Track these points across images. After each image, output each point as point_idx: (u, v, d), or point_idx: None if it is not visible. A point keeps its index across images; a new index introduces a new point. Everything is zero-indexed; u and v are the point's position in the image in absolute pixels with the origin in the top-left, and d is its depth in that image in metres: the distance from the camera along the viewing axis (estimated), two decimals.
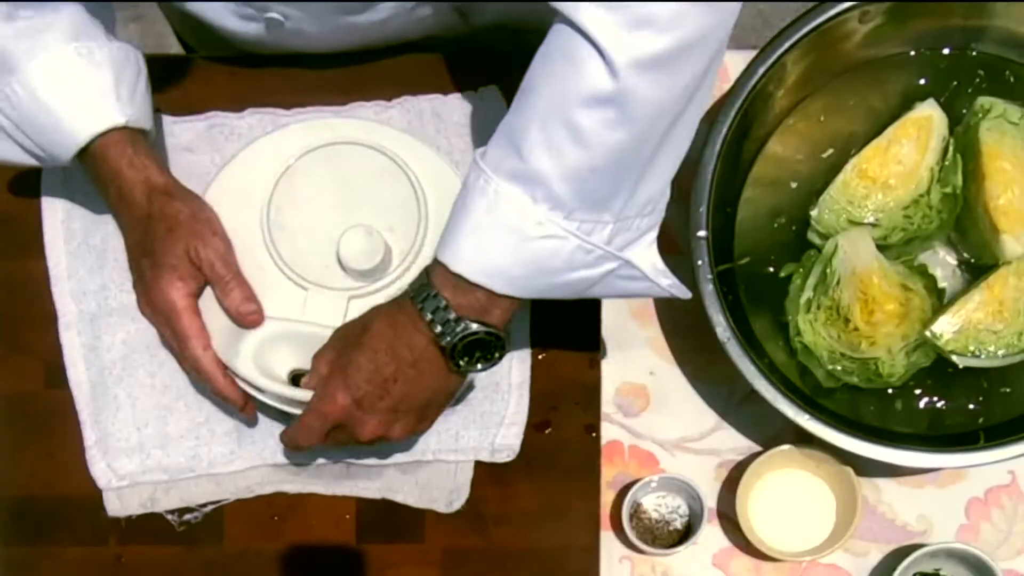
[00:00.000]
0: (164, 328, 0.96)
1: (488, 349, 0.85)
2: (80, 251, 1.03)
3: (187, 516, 1.01)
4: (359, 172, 0.97)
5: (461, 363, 0.86)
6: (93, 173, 0.95)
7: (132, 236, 0.97)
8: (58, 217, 1.04)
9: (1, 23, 0.89)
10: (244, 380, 0.94)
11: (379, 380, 0.87)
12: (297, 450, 0.93)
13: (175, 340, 0.95)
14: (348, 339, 0.89)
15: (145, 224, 0.95)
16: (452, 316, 0.82)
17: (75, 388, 1.02)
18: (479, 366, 0.86)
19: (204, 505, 1.01)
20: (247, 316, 0.95)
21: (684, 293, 0.87)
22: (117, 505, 1.01)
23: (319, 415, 0.89)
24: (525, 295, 0.83)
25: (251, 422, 1.00)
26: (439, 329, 0.83)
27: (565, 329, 1.04)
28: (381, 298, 0.92)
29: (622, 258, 0.82)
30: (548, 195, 0.78)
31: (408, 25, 1.04)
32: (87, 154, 0.93)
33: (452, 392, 0.91)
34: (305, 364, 0.92)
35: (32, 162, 0.96)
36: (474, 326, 0.82)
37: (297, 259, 0.95)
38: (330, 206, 0.97)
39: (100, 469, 1.01)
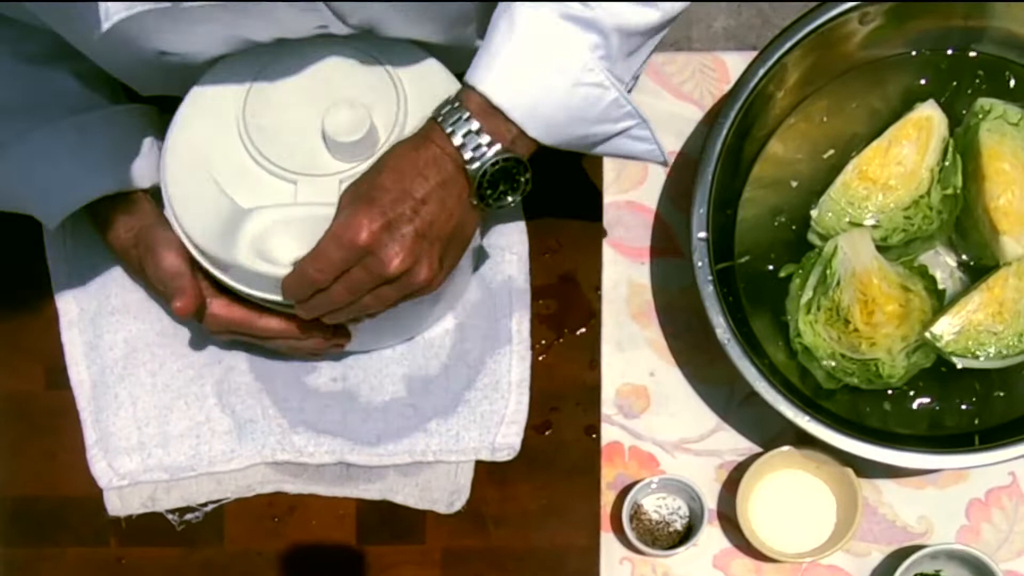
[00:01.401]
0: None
1: (514, 181, 0.83)
2: (80, 250, 1.03)
3: (188, 516, 1.01)
4: (329, 67, 0.91)
5: (488, 193, 0.82)
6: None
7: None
8: None
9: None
10: (245, 274, 0.87)
11: (409, 200, 0.81)
12: (300, 298, 0.86)
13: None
14: (368, 174, 0.84)
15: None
16: (485, 140, 0.80)
17: (76, 387, 1.02)
18: (508, 199, 0.83)
19: (204, 504, 1.01)
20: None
21: (663, 158, 0.89)
22: (118, 504, 1.01)
23: (338, 241, 0.81)
24: (550, 142, 0.82)
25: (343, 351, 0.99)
26: (469, 155, 0.80)
27: (565, 330, 1.04)
28: None
29: (642, 118, 0.83)
30: (603, 43, 0.78)
31: None
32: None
33: (471, 233, 0.87)
34: (307, 250, 0.85)
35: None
36: (505, 153, 0.81)
37: (281, 154, 0.88)
38: (305, 101, 0.89)
39: (101, 468, 1.01)
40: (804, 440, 0.96)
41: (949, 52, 1.02)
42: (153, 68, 0.90)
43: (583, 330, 1.04)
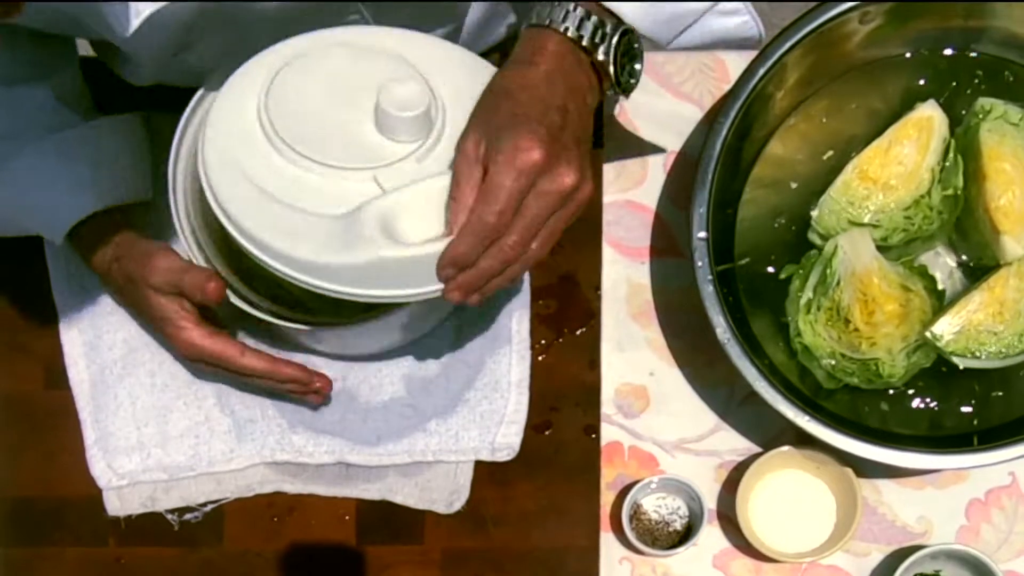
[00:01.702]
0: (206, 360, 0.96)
1: (635, 53, 0.83)
2: None
3: (187, 516, 1.01)
4: (358, 72, 0.86)
5: (621, 73, 0.82)
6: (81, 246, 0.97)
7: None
8: None
9: None
10: (352, 270, 0.81)
11: (553, 111, 0.77)
12: (469, 260, 0.78)
13: (220, 365, 0.95)
14: (492, 104, 0.79)
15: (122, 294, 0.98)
16: (599, 22, 0.80)
17: (75, 387, 1.02)
18: (638, 68, 0.84)
19: (204, 504, 1.01)
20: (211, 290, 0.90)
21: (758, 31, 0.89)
22: (117, 504, 1.01)
23: (510, 169, 0.74)
24: (645, 25, 0.83)
25: (325, 400, 1.00)
26: (590, 42, 0.80)
27: (565, 329, 1.04)
28: (430, 164, 0.84)
29: None
30: None
31: None
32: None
33: (593, 135, 0.84)
34: (435, 224, 0.81)
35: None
36: (622, 27, 0.81)
37: (315, 150, 0.83)
38: (331, 103, 0.85)
39: (100, 468, 1.01)
40: (804, 440, 0.96)
41: (949, 52, 1.02)
42: (180, 65, 0.90)
43: (583, 330, 1.04)
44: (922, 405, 0.98)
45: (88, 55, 1.03)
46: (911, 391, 0.99)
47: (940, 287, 0.99)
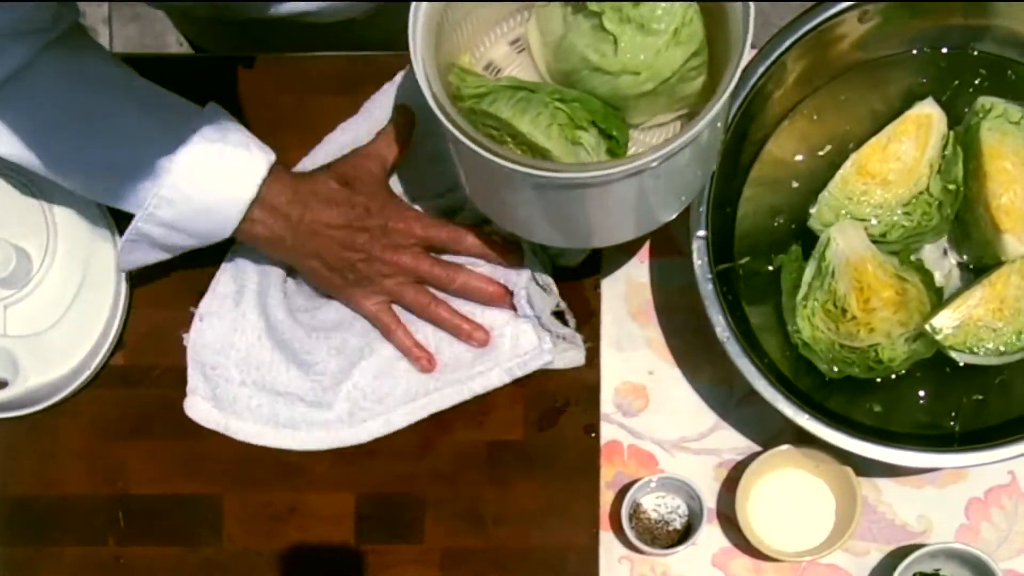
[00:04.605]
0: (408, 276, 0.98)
1: None
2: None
3: None
4: None
5: None
6: (270, 216, 0.95)
7: (342, 218, 0.96)
8: None
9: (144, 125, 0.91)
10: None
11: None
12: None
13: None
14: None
15: (349, 194, 0.96)
16: None
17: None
18: None
19: None
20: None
21: None
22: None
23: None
24: None
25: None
26: None
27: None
28: (38, 300, 1.00)
29: None
30: None
31: None
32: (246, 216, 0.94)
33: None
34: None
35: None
36: None
37: None
38: None
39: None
40: (803, 439, 0.96)
41: (949, 51, 1.02)
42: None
43: (582, 329, 1.04)
44: (922, 403, 0.99)
45: None
46: (910, 388, 0.99)
47: (938, 285, 0.99)
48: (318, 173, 0.97)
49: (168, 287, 1.04)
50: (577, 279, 1.04)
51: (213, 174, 0.91)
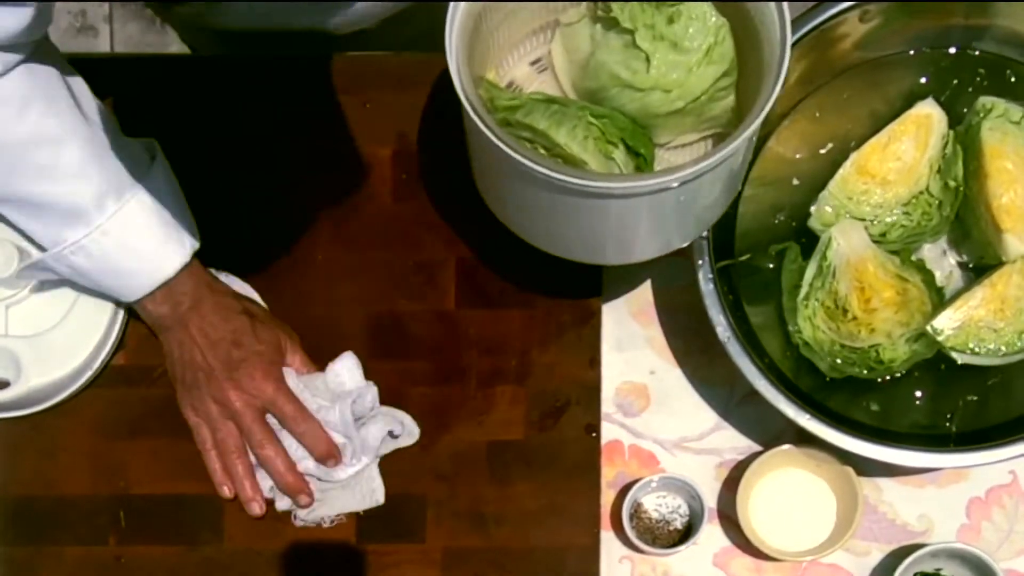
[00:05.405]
0: (253, 414, 0.99)
1: None
2: None
3: None
4: None
5: None
6: (164, 298, 0.96)
7: (216, 333, 0.98)
8: None
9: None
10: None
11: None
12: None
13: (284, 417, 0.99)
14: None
15: (240, 319, 0.98)
16: None
17: None
18: None
19: None
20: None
21: None
22: None
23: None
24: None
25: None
26: None
27: (565, 327, 1.04)
28: (39, 300, 1.01)
29: None
30: None
31: None
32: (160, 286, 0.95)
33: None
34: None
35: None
36: None
37: None
38: None
39: None
40: (804, 439, 0.96)
41: (950, 50, 1.02)
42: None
43: (583, 329, 1.04)
44: (922, 402, 0.99)
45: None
46: (911, 388, 0.99)
47: (939, 285, 0.99)
48: (230, 290, 1.00)
49: None
50: (579, 298, 1.04)
51: (142, 242, 0.92)
